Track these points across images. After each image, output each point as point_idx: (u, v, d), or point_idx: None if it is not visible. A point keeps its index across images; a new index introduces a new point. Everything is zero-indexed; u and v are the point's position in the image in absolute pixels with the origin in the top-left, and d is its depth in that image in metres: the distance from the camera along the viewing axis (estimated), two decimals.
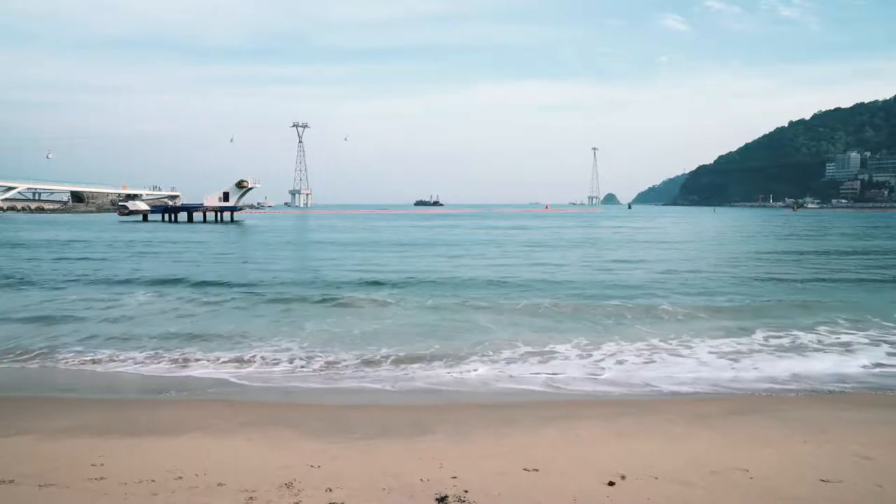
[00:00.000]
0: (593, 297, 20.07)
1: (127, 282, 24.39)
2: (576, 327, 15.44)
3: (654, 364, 12.12)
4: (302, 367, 12.12)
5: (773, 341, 13.81)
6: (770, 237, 57.60)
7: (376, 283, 23.43)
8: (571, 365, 12.04)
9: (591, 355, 12.69)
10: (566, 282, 24.16)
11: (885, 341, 13.74)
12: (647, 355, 12.70)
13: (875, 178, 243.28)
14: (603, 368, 11.83)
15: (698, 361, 12.30)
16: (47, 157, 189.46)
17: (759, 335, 14.32)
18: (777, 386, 10.71)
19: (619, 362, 12.24)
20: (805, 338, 14.09)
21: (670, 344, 13.51)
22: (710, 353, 12.87)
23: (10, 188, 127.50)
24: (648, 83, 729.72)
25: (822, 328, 15.03)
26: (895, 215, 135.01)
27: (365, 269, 28.52)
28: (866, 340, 13.89)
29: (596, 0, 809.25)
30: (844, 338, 14.13)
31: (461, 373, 11.58)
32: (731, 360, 12.37)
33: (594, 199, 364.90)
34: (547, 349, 13.15)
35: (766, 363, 12.10)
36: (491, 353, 12.89)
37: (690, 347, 13.26)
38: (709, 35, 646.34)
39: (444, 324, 16.01)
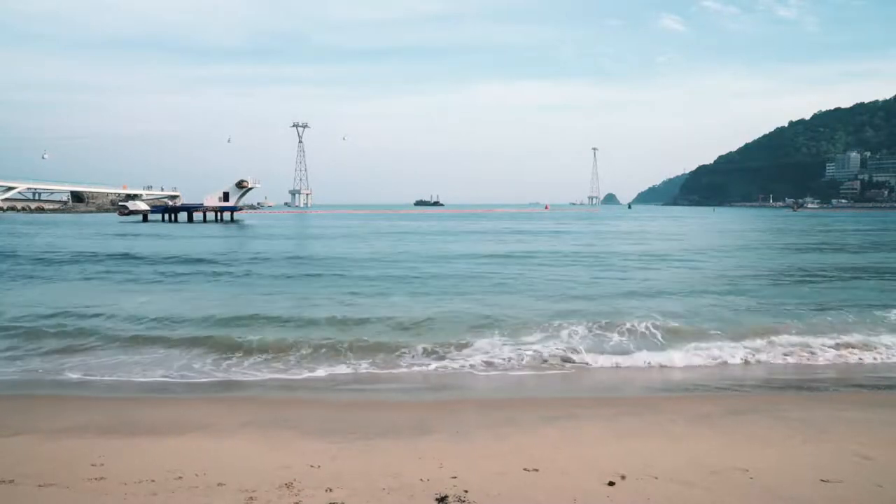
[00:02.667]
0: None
1: None
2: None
3: None
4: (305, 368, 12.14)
5: None
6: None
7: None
8: None
9: None
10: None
11: None
12: None
13: (875, 178, 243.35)
14: None
15: None
16: (43, 158, 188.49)
17: None
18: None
19: None
20: None
21: None
22: None
23: (10, 188, 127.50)
24: (648, 83, 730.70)
25: None
26: None
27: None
28: None
29: (594, 0, 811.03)
30: None
31: None
32: None
33: (594, 200, 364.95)
34: None
35: None
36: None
37: None
38: (708, 35, 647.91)
39: None
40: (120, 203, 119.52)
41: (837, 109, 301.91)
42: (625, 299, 19.40)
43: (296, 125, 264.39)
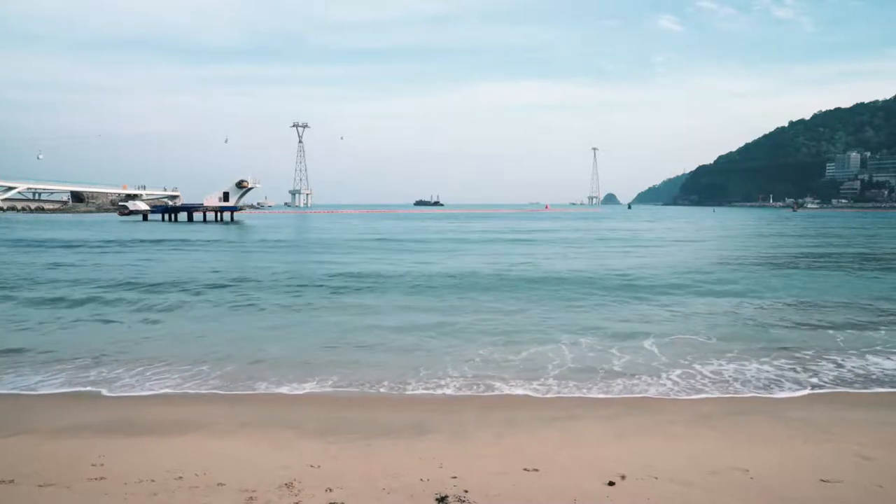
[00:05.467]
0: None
1: None
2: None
3: None
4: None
5: None
6: None
7: None
8: None
9: None
10: None
11: None
12: None
13: (875, 178, 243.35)
14: None
15: None
16: (38, 158, 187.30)
17: None
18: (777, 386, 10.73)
19: None
20: None
21: None
22: None
23: (10, 188, 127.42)
24: (648, 83, 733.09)
25: None
26: None
27: None
28: None
29: (592, 1, 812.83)
30: None
31: None
32: None
33: (594, 199, 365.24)
34: None
35: None
36: None
37: None
38: (707, 35, 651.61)
39: None
40: (120, 203, 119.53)
41: (837, 109, 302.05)
42: None
43: (296, 125, 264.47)
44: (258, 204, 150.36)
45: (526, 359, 12.40)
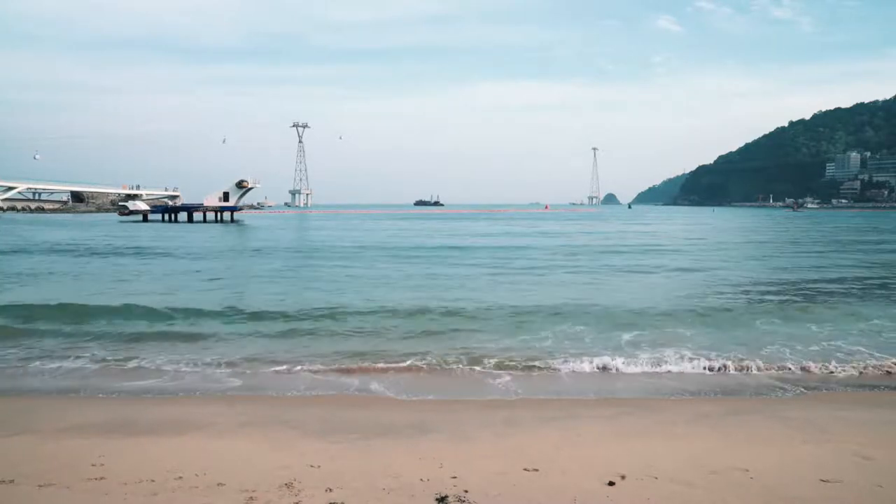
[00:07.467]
0: None
1: None
2: None
3: None
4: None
5: None
6: None
7: None
8: None
9: None
10: None
11: None
12: None
13: (875, 178, 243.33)
14: None
15: None
16: (34, 158, 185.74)
17: None
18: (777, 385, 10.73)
19: None
20: None
21: None
22: None
23: (10, 188, 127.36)
24: (648, 83, 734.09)
25: None
26: None
27: None
28: None
29: (593, 1, 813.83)
30: None
31: None
32: None
33: (594, 199, 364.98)
34: None
35: None
36: None
37: None
38: (706, 36, 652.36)
39: None
40: (120, 203, 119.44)
41: (837, 109, 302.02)
42: None
43: (296, 125, 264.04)
44: (258, 204, 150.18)
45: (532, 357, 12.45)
